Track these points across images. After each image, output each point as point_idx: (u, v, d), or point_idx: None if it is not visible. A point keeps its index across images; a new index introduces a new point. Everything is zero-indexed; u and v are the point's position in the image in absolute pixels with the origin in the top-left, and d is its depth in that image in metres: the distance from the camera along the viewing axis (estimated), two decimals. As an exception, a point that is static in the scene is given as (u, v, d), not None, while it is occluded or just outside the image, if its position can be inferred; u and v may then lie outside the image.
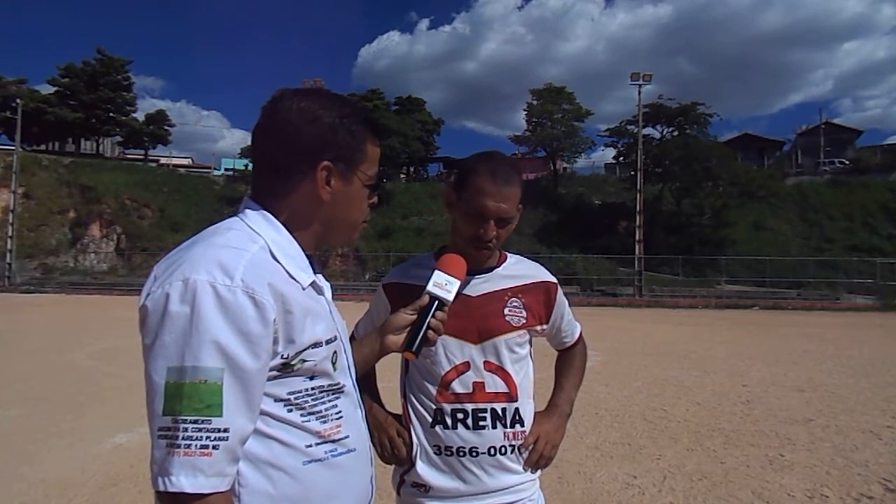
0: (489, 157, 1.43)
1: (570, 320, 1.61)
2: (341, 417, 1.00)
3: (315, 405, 0.96)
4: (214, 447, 0.81)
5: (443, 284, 1.25)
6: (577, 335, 1.65)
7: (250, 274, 0.87)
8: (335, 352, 1.00)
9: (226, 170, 49.51)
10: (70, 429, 5.14)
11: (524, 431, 1.44)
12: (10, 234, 33.05)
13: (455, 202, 1.42)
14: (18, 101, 36.52)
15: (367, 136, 1.05)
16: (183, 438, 0.80)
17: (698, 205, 35.77)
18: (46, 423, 5.28)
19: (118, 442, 4.77)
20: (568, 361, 1.66)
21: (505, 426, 1.41)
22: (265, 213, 0.99)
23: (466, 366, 1.41)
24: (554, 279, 1.54)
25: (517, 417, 1.42)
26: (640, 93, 31.66)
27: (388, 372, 1.51)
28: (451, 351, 1.41)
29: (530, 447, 1.45)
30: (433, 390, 1.41)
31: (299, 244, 1.00)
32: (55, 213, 37.45)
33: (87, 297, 27.31)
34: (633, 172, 32.94)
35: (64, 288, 30.80)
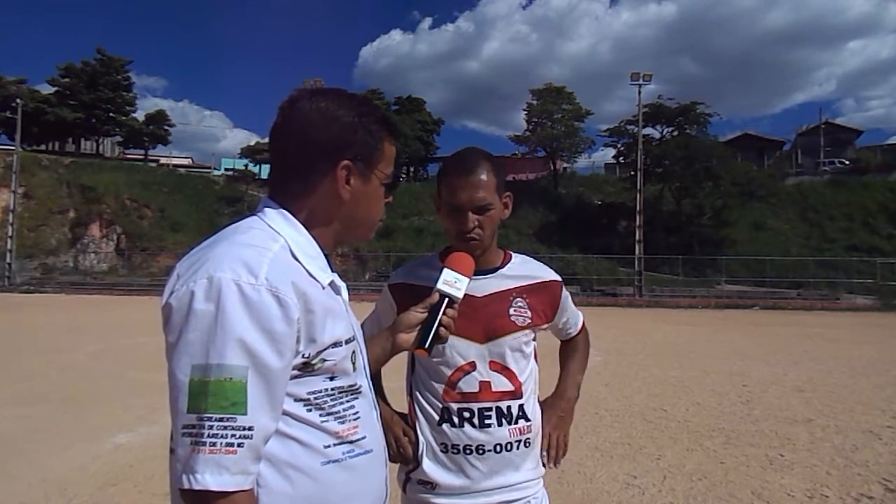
0: (458, 152, 1.46)
1: (574, 312, 1.64)
2: (358, 418, 1.00)
3: (334, 405, 0.96)
4: (239, 445, 0.82)
5: (452, 282, 1.26)
6: (580, 325, 1.69)
7: (274, 272, 0.87)
8: (354, 351, 1.01)
9: (226, 170, 49.40)
10: (70, 429, 5.13)
11: (529, 425, 1.45)
12: (10, 234, 33.06)
13: (439, 205, 1.46)
14: (18, 101, 36.52)
15: (385, 135, 1.06)
16: (208, 436, 0.80)
17: (698, 205, 35.73)
18: (46, 423, 5.28)
19: (118, 442, 4.77)
20: (572, 347, 1.70)
21: (510, 423, 1.42)
22: (284, 212, 0.99)
23: (473, 366, 1.42)
24: (558, 278, 1.56)
25: (522, 413, 1.44)
26: (640, 93, 31.74)
27: (393, 372, 1.51)
28: (457, 351, 1.42)
29: (546, 449, 1.49)
30: (440, 389, 1.42)
31: (318, 243, 1.00)
32: (55, 213, 37.42)
33: (87, 297, 27.29)
34: (633, 172, 32.94)
35: (64, 288, 30.77)
